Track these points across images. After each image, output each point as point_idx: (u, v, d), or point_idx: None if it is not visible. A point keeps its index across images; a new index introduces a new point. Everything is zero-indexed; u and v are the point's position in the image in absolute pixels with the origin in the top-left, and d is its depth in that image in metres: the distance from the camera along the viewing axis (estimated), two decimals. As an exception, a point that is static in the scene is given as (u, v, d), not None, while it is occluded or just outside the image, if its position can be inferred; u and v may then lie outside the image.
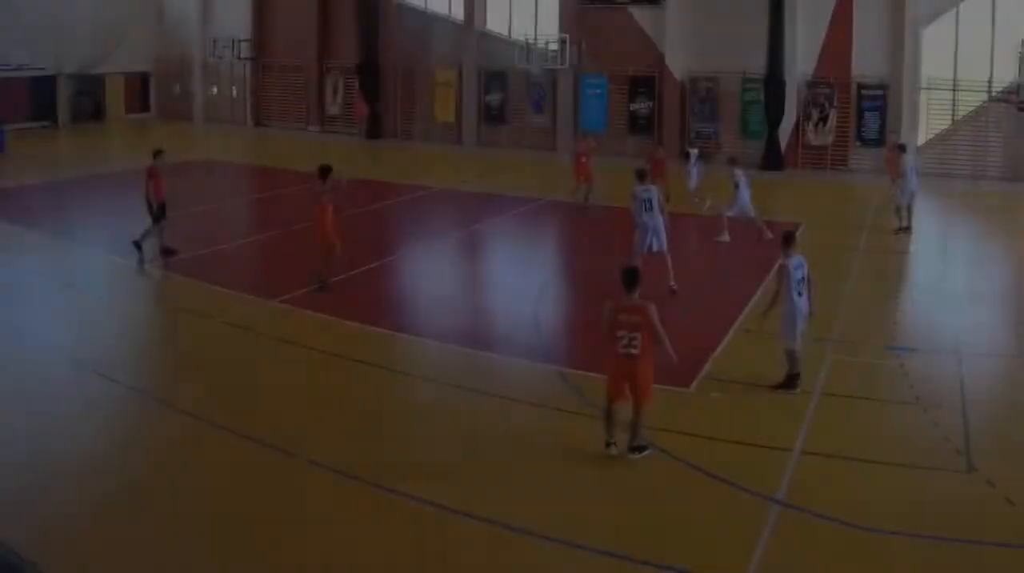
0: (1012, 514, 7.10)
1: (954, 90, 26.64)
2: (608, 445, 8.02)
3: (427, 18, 32.78)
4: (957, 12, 26.24)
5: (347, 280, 13.66)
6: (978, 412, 9.12)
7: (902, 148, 19.45)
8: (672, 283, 13.07)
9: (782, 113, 27.01)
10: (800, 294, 9.42)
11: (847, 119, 26.95)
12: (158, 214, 14.67)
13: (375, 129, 32.97)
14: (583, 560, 6.53)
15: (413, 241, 16.79)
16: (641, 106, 29.11)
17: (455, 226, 18.67)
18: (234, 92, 36.82)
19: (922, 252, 17.17)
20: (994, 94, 25.96)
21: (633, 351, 7.67)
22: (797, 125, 27.24)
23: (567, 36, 29.34)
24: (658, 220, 13.15)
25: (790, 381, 9.51)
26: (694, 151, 21.89)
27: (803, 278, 9.45)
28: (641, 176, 13.70)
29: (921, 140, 26.81)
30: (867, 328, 11.85)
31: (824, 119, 27.23)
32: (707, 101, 28.28)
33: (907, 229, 17.90)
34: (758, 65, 26.96)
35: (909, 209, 18.02)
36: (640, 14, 28.99)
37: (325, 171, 13.05)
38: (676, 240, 15.70)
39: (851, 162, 26.78)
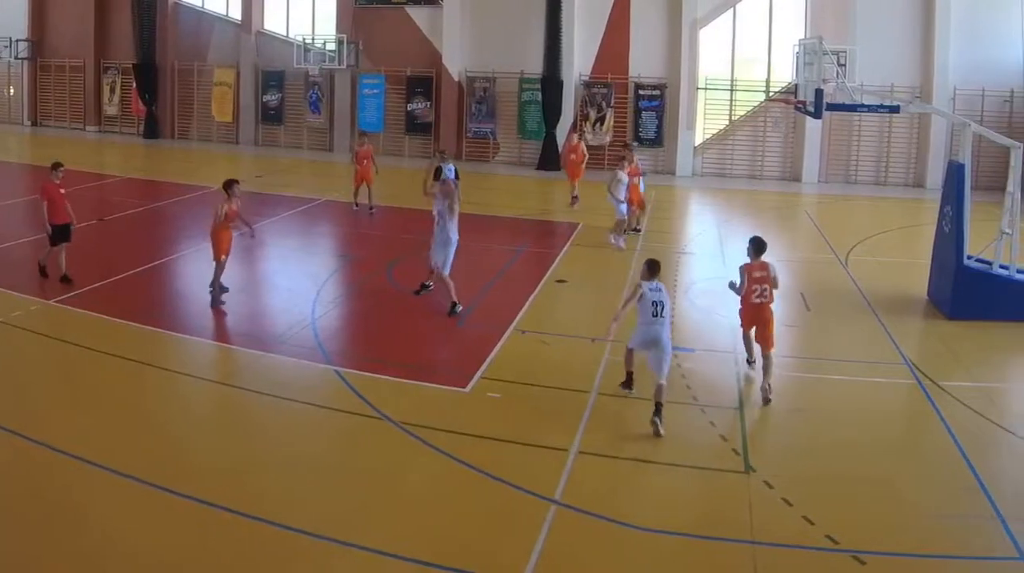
0: (789, 514, 7.06)
1: (732, 90, 26.66)
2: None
3: (204, 18, 31.97)
4: (734, 13, 26.27)
5: (124, 279, 13.53)
6: (755, 413, 9.16)
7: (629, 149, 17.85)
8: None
9: (559, 113, 26.68)
10: (655, 316, 8.80)
11: (624, 119, 26.67)
12: (54, 236, 12.86)
13: (152, 129, 32.05)
14: (359, 560, 6.37)
15: (190, 241, 16.11)
16: (419, 106, 28.39)
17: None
18: (11, 92, 35.66)
19: (699, 252, 16.79)
20: (771, 94, 26.00)
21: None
22: (575, 125, 26.82)
23: (344, 36, 28.67)
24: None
25: (628, 379, 9.45)
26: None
27: (659, 302, 8.88)
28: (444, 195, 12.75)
29: (699, 140, 26.71)
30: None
31: (601, 119, 26.95)
32: (484, 101, 27.68)
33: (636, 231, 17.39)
34: (536, 65, 26.64)
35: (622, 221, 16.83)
36: (417, 13, 28.49)
37: (228, 184, 12.30)
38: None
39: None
